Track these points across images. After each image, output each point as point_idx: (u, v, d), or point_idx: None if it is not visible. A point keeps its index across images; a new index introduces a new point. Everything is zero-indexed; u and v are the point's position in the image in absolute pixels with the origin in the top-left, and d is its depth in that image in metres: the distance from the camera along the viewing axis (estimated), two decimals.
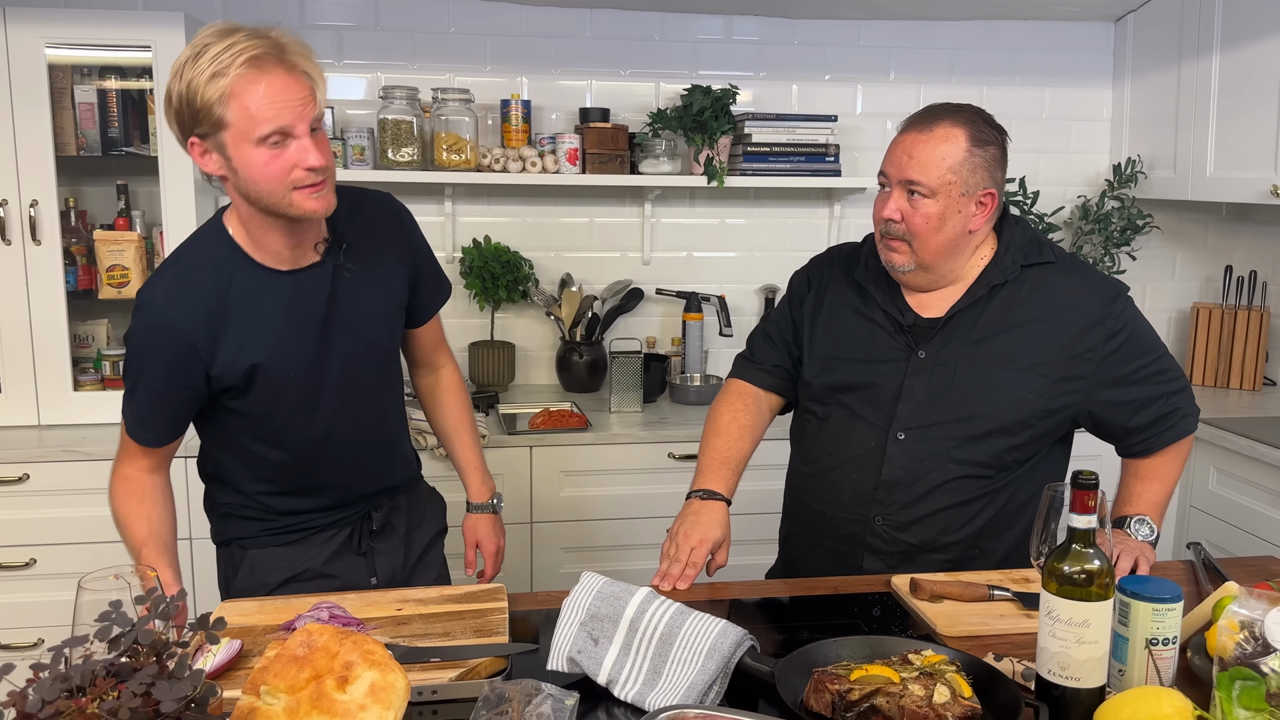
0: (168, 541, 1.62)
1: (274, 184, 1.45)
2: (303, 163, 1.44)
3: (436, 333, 1.89)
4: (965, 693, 1.18)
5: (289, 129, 1.43)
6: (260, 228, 1.54)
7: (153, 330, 1.54)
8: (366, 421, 1.73)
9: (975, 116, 1.66)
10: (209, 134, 1.44)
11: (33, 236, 2.68)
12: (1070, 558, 1.19)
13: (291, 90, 1.42)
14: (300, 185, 1.45)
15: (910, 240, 1.66)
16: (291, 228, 1.54)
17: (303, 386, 1.62)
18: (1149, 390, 1.72)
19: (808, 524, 1.83)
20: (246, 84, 1.40)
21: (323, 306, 1.61)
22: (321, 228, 1.60)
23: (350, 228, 1.64)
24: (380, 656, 1.10)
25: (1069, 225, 3.51)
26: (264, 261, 1.56)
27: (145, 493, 1.63)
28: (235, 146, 1.43)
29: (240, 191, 1.49)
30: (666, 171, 3.13)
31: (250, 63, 1.40)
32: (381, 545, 1.80)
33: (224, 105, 1.40)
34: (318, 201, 1.48)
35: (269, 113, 1.41)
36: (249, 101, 1.40)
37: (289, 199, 1.46)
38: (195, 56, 1.41)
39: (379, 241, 1.68)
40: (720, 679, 1.27)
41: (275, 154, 1.43)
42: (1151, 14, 3.30)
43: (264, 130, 1.41)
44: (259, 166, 1.43)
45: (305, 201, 1.47)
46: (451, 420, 1.94)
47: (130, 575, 1.06)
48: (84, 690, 0.87)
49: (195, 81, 1.40)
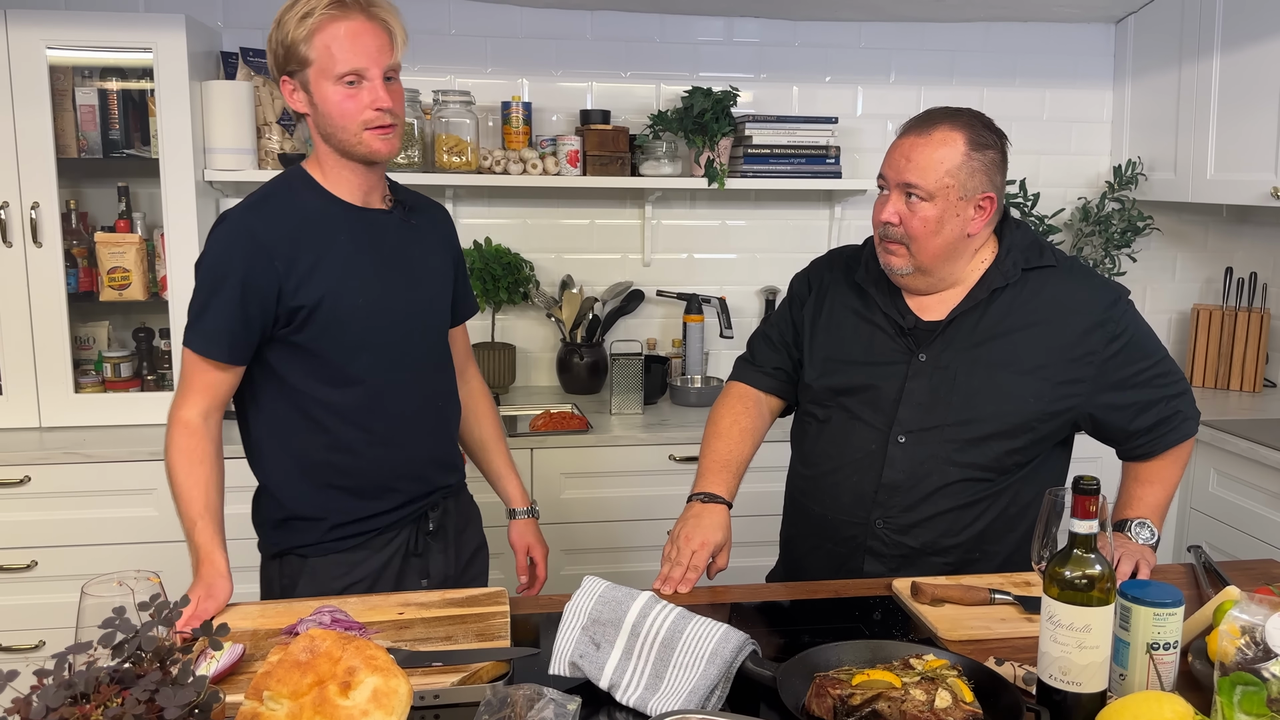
0: (219, 514, 1.62)
1: (348, 120, 1.58)
2: (373, 103, 1.57)
3: (466, 343, 1.98)
4: (967, 698, 1.18)
5: (363, 71, 1.56)
6: (335, 166, 1.66)
7: (233, 238, 1.61)
8: (425, 384, 1.77)
9: (974, 120, 1.66)
10: (296, 71, 1.59)
11: (34, 238, 2.69)
12: (1072, 563, 1.19)
13: (369, 36, 1.56)
14: (371, 125, 1.59)
15: (908, 243, 1.66)
16: (364, 172, 1.67)
17: (368, 322, 1.66)
18: (1150, 394, 1.73)
19: (808, 527, 1.83)
20: (329, 24, 1.55)
21: (389, 248, 1.70)
22: (386, 186, 1.74)
23: (413, 205, 1.79)
24: (383, 662, 1.10)
25: (1069, 227, 3.51)
26: (339, 195, 1.67)
27: (204, 452, 1.62)
28: (316, 83, 1.58)
29: (319, 129, 1.63)
30: (667, 173, 3.13)
31: (334, 5, 1.54)
32: (434, 546, 1.82)
33: (308, 44, 1.55)
34: (384, 143, 1.61)
35: (347, 54, 1.55)
36: (330, 41, 1.55)
37: (360, 137, 1.59)
38: (292, 2, 1.57)
39: (435, 231, 1.82)
40: (722, 684, 1.27)
41: (351, 93, 1.57)
42: (1152, 16, 3.31)
43: (340, 69, 1.56)
44: (335, 103, 1.57)
45: (374, 141, 1.60)
46: (487, 429, 2.00)
47: (133, 581, 1.06)
48: (88, 697, 0.87)
49: (288, 21, 1.56)
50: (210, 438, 1.64)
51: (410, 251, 1.73)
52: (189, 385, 1.64)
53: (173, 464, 1.62)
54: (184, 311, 2.74)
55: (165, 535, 2.64)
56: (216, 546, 1.57)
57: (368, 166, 1.66)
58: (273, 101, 2.98)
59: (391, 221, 1.72)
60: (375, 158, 1.63)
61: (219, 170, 2.85)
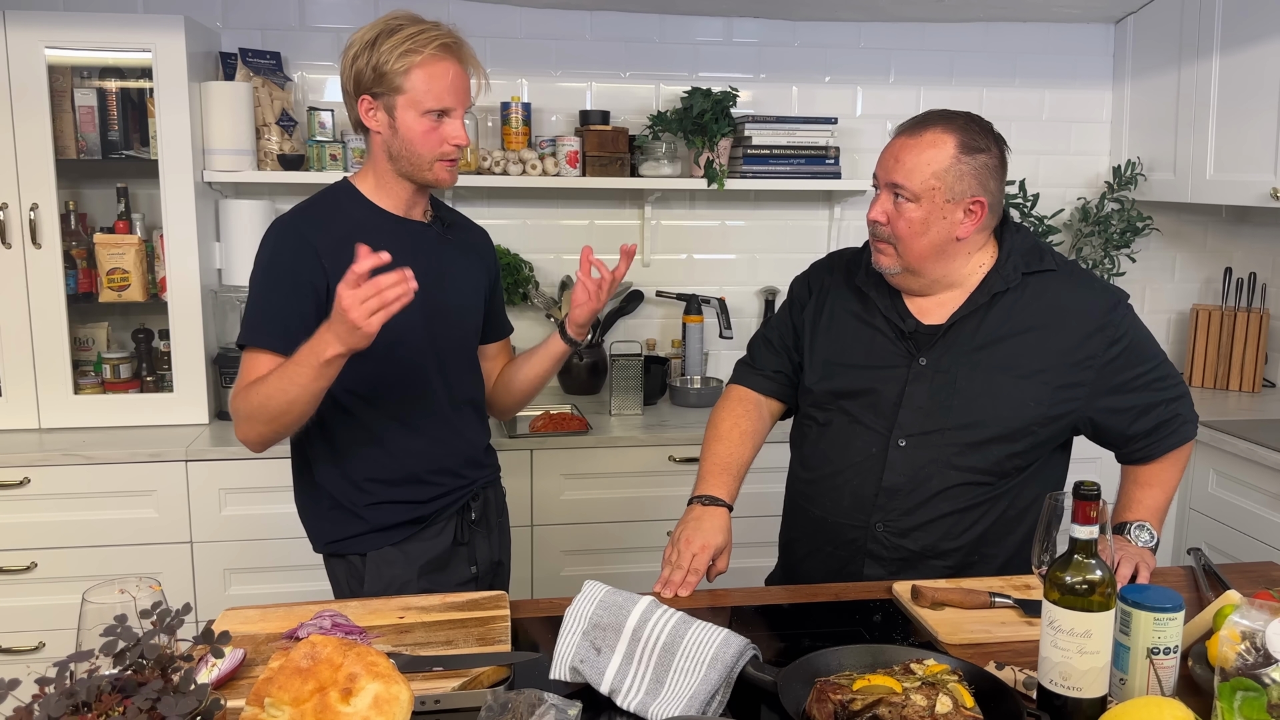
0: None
1: (427, 150, 1.72)
2: (452, 139, 1.72)
3: (508, 356, 2.08)
4: (967, 703, 1.18)
5: (450, 110, 1.71)
6: (390, 182, 1.78)
7: (282, 238, 1.73)
8: (454, 386, 1.86)
9: (970, 124, 1.66)
10: (382, 95, 1.71)
11: (33, 240, 2.68)
12: (1072, 568, 1.19)
13: (461, 80, 1.73)
14: (444, 158, 1.73)
15: (895, 243, 1.67)
16: (414, 190, 1.80)
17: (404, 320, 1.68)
18: (1149, 397, 1.73)
19: (808, 530, 1.83)
20: (433, 64, 1.68)
21: (426, 256, 1.79)
22: (427, 202, 1.86)
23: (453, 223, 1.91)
24: (384, 668, 1.10)
25: (1069, 227, 3.51)
26: (383, 206, 1.79)
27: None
28: (403, 111, 1.70)
29: (389, 149, 1.75)
30: (667, 174, 3.13)
31: (440, 48, 1.69)
32: (479, 534, 1.93)
33: (406, 76, 1.68)
34: (450, 175, 1.77)
35: (442, 92, 1.70)
36: (429, 79, 1.68)
37: (431, 166, 1.74)
38: (390, 31, 1.68)
39: (473, 249, 1.93)
40: (723, 688, 1.27)
41: (434, 126, 1.71)
42: (1151, 16, 3.31)
43: (431, 105, 1.69)
44: (419, 133, 1.71)
45: (442, 172, 1.75)
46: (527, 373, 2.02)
47: (134, 588, 1.06)
48: (90, 706, 0.87)
49: (387, 50, 1.67)
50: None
51: (445, 262, 1.84)
52: (245, 379, 1.70)
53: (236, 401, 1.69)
54: (183, 313, 2.78)
55: (165, 537, 2.65)
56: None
57: (419, 187, 1.79)
58: (272, 102, 2.97)
59: (430, 233, 1.84)
60: (439, 185, 1.78)
61: (218, 171, 2.85)
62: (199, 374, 2.83)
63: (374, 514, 1.81)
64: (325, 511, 1.83)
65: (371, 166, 1.79)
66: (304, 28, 3.10)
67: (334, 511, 1.82)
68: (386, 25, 1.70)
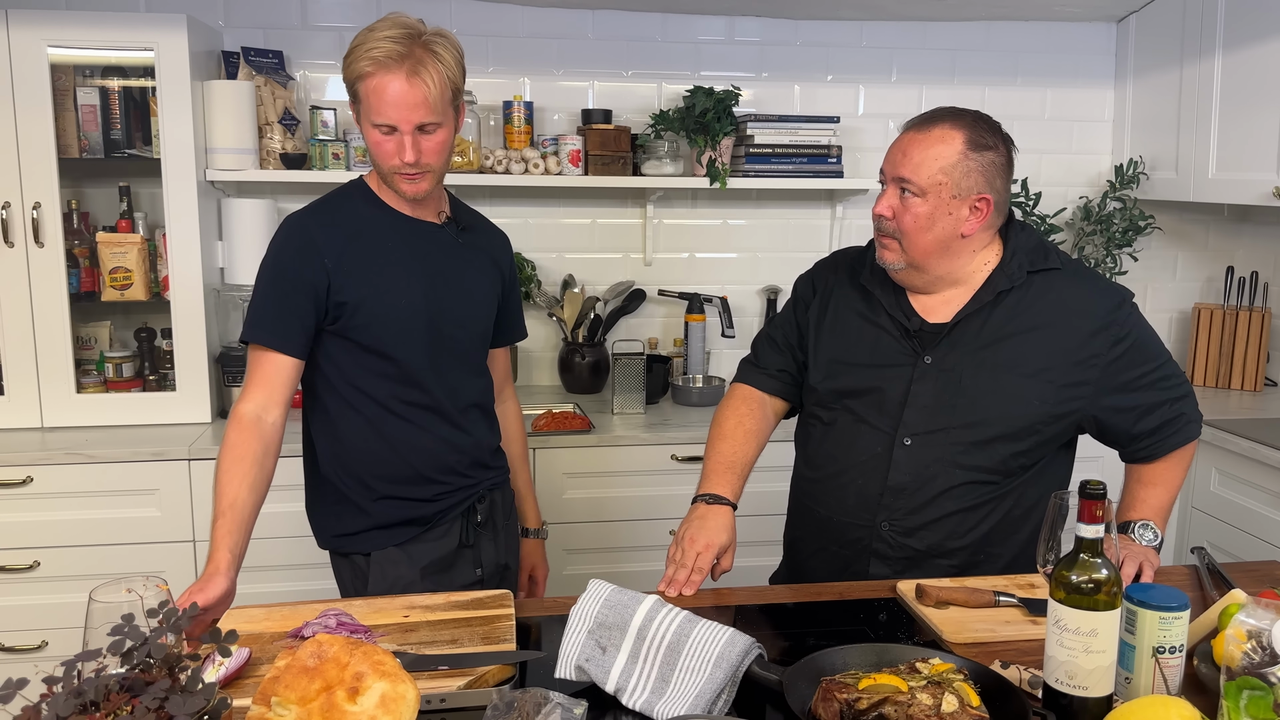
0: (244, 513, 1.63)
1: (380, 161, 1.72)
2: (397, 155, 1.69)
3: (507, 365, 2.10)
4: (973, 702, 1.18)
5: (395, 125, 1.67)
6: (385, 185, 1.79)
7: (289, 236, 1.75)
8: (462, 387, 1.86)
9: (978, 122, 1.66)
10: (354, 102, 1.72)
11: (35, 239, 2.68)
12: (1078, 567, 1.19)
13: (406, 95, 1.65)
14: (397, 172, 1.71)
15: (900, 238, 1.67)
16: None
17: (409, 322, 1.76)
18: (1153, 396, 1.73)
19: (813, 528, 1.83)
20: (370, 76, 1.65)
21: (436, 257, 1.80)
22: (444, 203, 1.86)
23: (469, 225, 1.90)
24: (390, 667, 1.10)
25: (1071, 226, 3.51)
26: (394, 206, 1.79)
27: (248, 450, 1.65)
28: (363, 120, 1.71)
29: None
30: (669, 173, 3.13)
31: (381, 62, 1.64)
32: (485, 536, 1.93)
33: (361, 84, 1.67)
34: (410, 186, 1.73)
35: (383, 106, 1.66)
36: (370, 91, 1.66)
37: (390, 179, 1.73)
38: (358, 40, 1.67)
39: (488, 251, 1.92)
40: (728, 687, 1.27)
41: (384, 139, 1.69)
42: (1153, 15, 3.30)
43: (377, 119, 1.67)
44: (373, 144, 1.71)
45: (401, 183, 1.73)
46: (514, 449, 2.09)
47: (141, 587, 1.06)
48: (98, 705, 0.87)
49: (349, 61, 1.67)
50: (260, 436, 1.67)
51: (456, 264, 1.83)
52: (248, 379, 1.73)
53: (218, 458, 1.68)
54: (186, 312, 2.78)
55: (167, 536, 2.64)
56: (222, 545, 1.58)
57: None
58: (274, 101, 2.97)
59: (443, 235, 1.83)
60: (403, 196, 1.76)
61: (220, 170, 2.84)
62: (202, 373, 2.83)
63: (379, 509, 1.81)
64: (330, 506, 1.84)
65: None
66: (306, 26, 3.10)
67: (338, 506, 1.83)
68: (362, 32, 1.68)
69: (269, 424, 1.69)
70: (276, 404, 1.71)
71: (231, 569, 1.56)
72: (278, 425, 1.71)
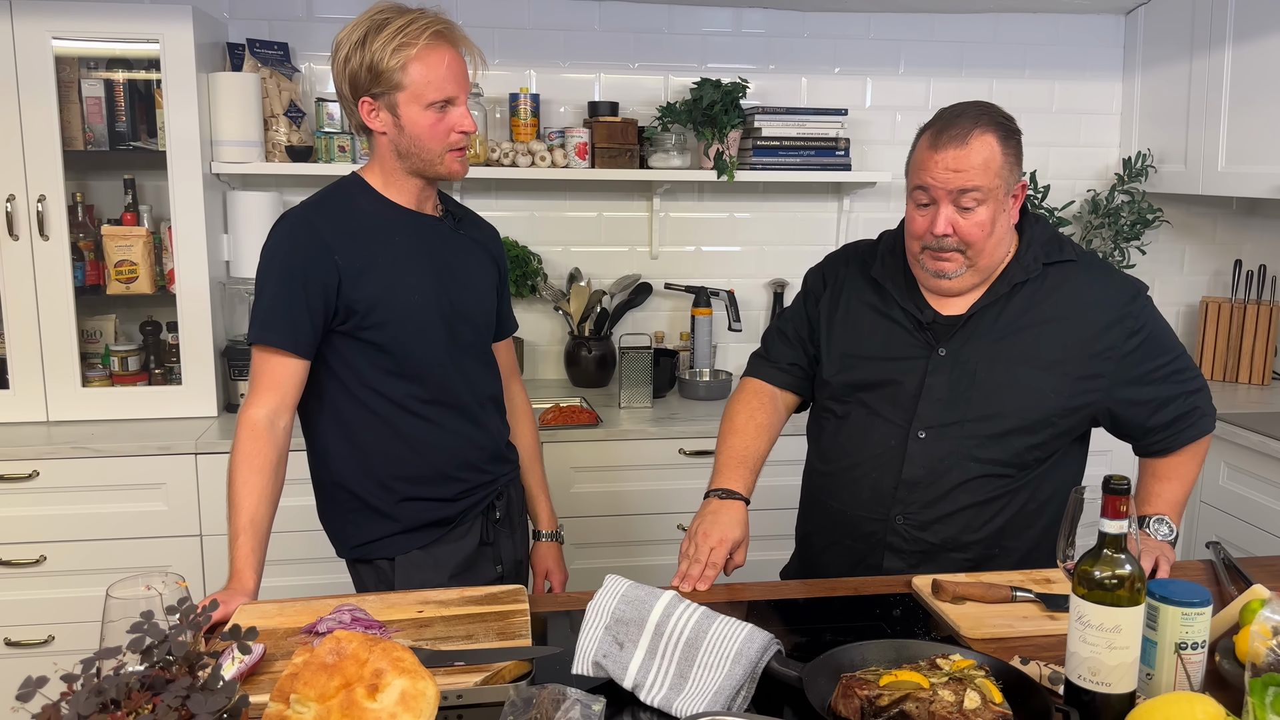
0: (262, 529, 1.64)
1: (435, 142, 1.68)
2: (459, 126, 1.68)
3: (511, 358, 2.06)
4: (996, 698, 1.17)
5: (453, 98, 1.67)
6: (399, 178, 1.74)
7: (294, 234, 1.68)
8: (475, 380, 1.83)
9: (993, 115, 1.65)
10: (382, 94, 1.66)
11: (40, 231, 2.67)
12: (1101, 562, 1.18)
13: (459, 65, 1.68)
14: (454, 147, 1.70)
15: (965, 249, 1.65)
16: (424, 185, 1.76)
17: (422, 317, 1.72)
18: (1167, 389, 1.72)
19: (826, 522, 1.83)
20: (427, 54, 1.63)
21: (440, 251, 1.78)
22: (436, 196, 1.82)
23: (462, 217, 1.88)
24: (410, 664, 1.09)
25: (1079, 219, 3.50)
26: (397, 201, 1.76)
27: (265, 460, 1.64)
28: (406, 106, 1.66)
29: (397, 147, 1.70)
30: (676, 165, 3.11)
31: (433, 36, 1.64)
32: (503, 533, 1.91)
33: (404, 71, 1.63)
34: (461, 165, 1.73)
35: (442, 81, 1.65)
36: (427, 69, 1.64)
37: (442, 158, 1.70)
38: (378, 27, 1.63)
39: (483, 245, 1.89)
40: (748, 683, 1.26)
41: (439, 117, 1.67)
42: (1162, 6, 3.29)
43: (435, 96, 1.65)
44: (425, 127, 1.66)
45: (454, 163, 1.71)
46: (526, 446, 2.04)
47: (160, 584, 1.05)
48: (119, 704, 0.86)
49: (377, 47, 1.62)
50: (274, 443, 1.66)
51: (459, 256, 1.81)
52: (257, 383, 1.68)
53: (232, 467, 1.65)
54: (191, 305, 2.77)
55: (174, 530, 2.64)
56: (249, 565, 1.59)
57: (429, 182, 1.76)
58: (279, 94, 2.96)
59: (443, 227, 1.81)
60: (452, 177, 1.74)
61: (226, 163, 2.83)
62: (208, 366, 2.81)
63: (403, 512, 1.77)
64: (348, 514, 1.79)
65: (379, 164, 1.75)
66: (311, 18, 3.08)
67: (357, 514, 1.79)
68: (373, 21, 1.64)
69: (281, 430, 1.67)
70: (287, 408, 1.68)
71: (256, 590, 1.58)
72: (289, 430, 1.69)
